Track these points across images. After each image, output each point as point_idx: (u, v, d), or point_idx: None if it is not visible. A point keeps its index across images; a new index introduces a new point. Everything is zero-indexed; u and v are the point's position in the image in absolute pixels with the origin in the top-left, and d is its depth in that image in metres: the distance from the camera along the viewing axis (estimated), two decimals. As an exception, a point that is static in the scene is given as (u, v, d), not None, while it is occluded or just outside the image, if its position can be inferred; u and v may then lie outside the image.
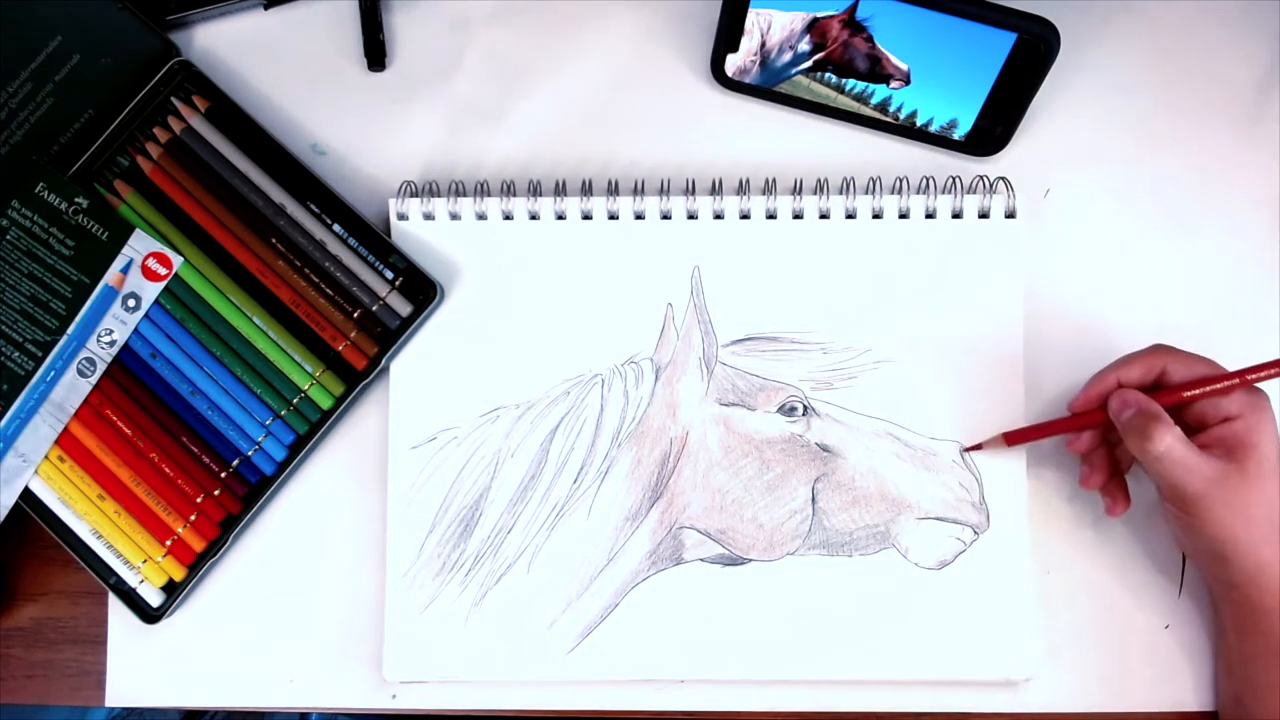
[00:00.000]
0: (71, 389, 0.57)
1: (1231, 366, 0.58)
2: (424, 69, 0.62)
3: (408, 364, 0.58)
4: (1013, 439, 0.55)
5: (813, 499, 0.56)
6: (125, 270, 0.58)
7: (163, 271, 0.58)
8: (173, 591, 0.57)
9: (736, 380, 0.57)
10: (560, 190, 0.59)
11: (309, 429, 0.58)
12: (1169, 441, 0.50)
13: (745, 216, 0.58)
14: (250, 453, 0.57)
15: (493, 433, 0.57)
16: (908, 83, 0.57)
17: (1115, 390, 0.52)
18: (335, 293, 0.58)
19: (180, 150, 0.59)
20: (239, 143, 0.59)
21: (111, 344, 0.58)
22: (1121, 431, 0.51)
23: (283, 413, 0.57)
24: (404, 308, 0.58)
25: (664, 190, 0.58)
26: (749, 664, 0.56)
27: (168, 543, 0.57)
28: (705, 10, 0.60)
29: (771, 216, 0.58)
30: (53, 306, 0.58)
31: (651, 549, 0.56)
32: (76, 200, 0.58)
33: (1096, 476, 0.54)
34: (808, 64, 0.57)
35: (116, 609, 0.58)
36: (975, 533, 0.56)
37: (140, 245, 0.58)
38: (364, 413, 0.59)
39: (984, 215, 0.58)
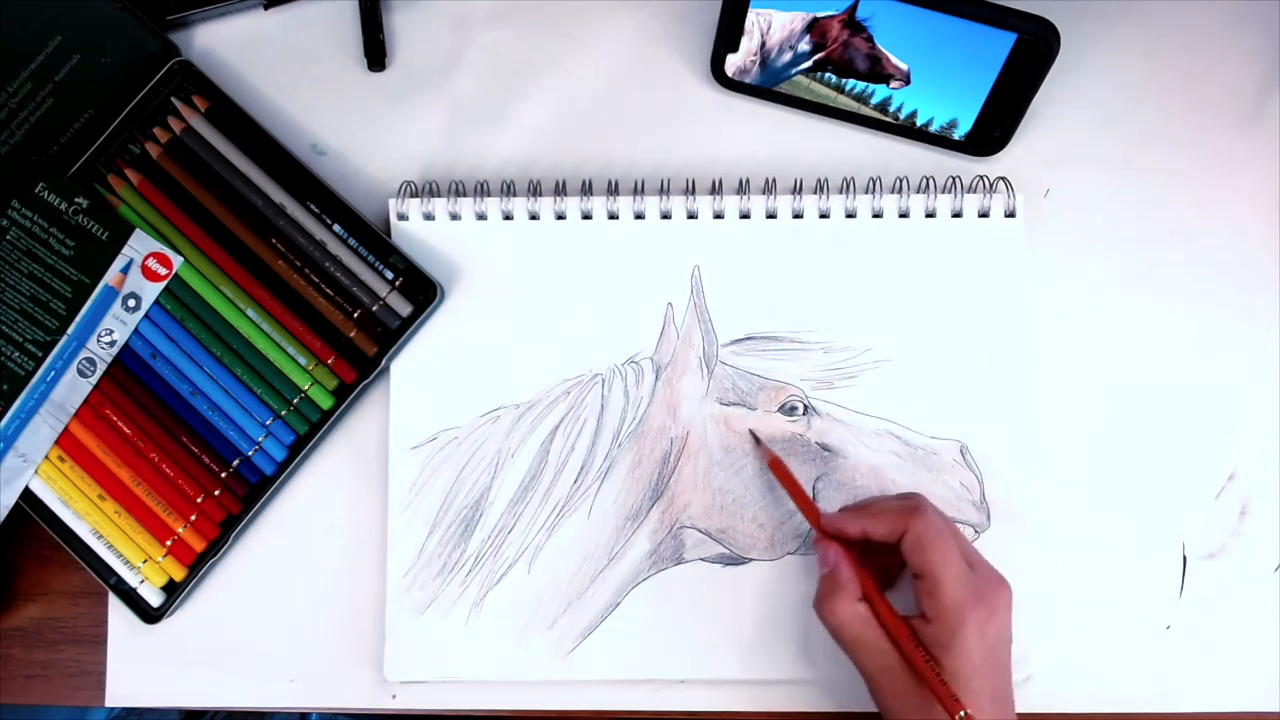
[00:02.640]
0: (72, 389, 0.57)
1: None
2: (424, 69, 0.62)
3: (408, 364, 0.58)
4: (775, 465, 0.55)
5: (813, 498, 0.56)
6: (125, 270, 0.58)
7: (163, 271, 0.58)
8: (173, 591, 0.57)
9: (737, 380, 0.57)
10: (560, 190, 0.59)
11: (309, 429, 0.58)
12: (841, 617, 0.49)
13: (745, 216, 0.58)
14: (250, 453, 0.57)
15: (493, 433, 0.57)
16: (908, 83, 0.57)
17: (826, 540, 0.51)
18: (335, 293, 0.58)
19: (180, 150, 0.59)
20: (239, 143, 0.59)
21: (111, 344, 0.58)
22: (818, 571, 0.51)
23: (283, 413, 0.57)
24: (404, 308, 0.58)
25: (664, 190, 0.58)
26: (749, 664, 0.56)
27: (168, 543, 0.57)
28: (705, 10, 0.60)
29: (771, 216, 0.58)
30: (53, 306, 0.58)
31: (652, 549, 0.56)
32: (76, 200, 0.58)
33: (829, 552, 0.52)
34: (808, 64, 0.58)
35: (116, 609, 0.58)
36: (976, 532, 0.56)
37: (140, 245, 0.58)
38: (364, 413, 0.59)
39: (984, 215, 0.58)
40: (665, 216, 0.58)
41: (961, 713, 0.46)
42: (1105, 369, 0.58)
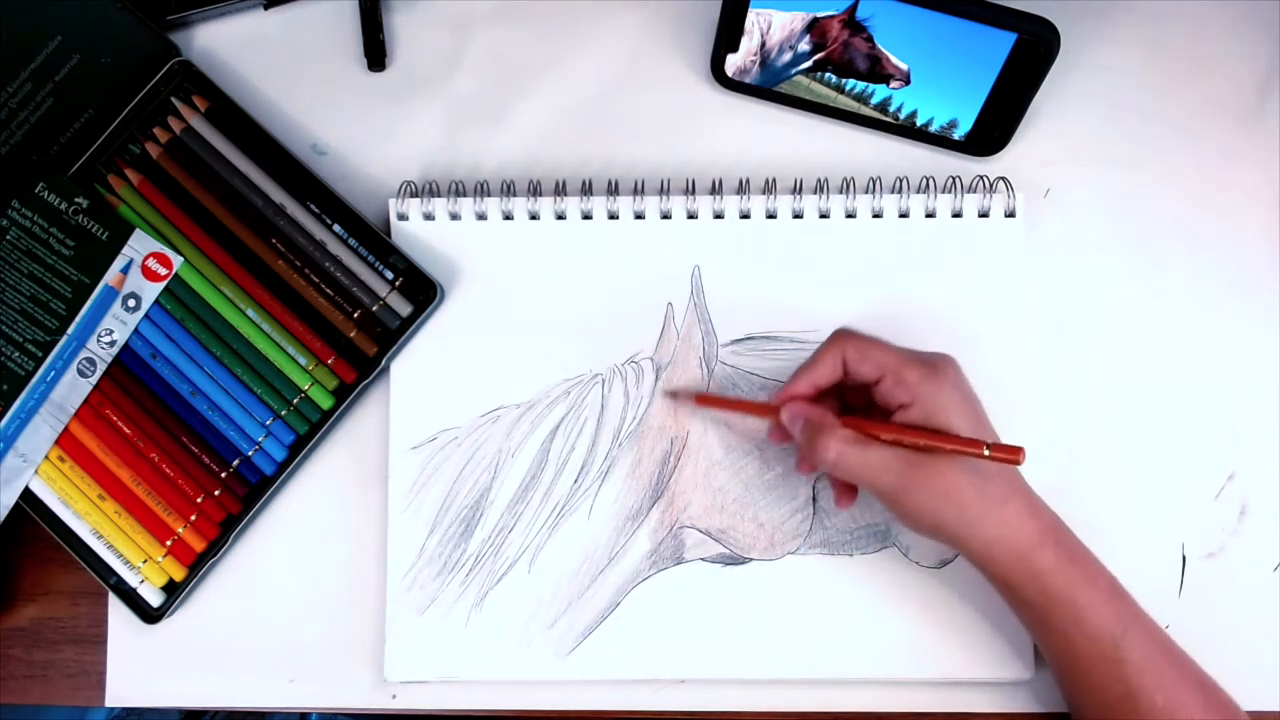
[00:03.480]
0: (72, 389, 0.57)
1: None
2: (424, 69, 0.62)
3: (408, 364, 0.58)
4: (704, 401, 0.55)
5: (813, 498, 0.56)
6: (125, 270, 0.58)
7: (163, 272, 0.58)
8: (173, 591, 0.57)
9: (737, 379, 0.57)
10: (560, 190, 0.59)
11: (309, 429, 0.58)
12: (836, 448, 0.48)
13: (745, 216, 0.58)
14: (250, 453, 0.57)
15: (493, 433, 0.57)
16: (908, 83, 0.57)
17: (789, 400, 0.51)
18: (335, 293, 0.58)
19: (180, 150, 0.59)
20: (239, 143, 0.59)
21: (112, 344, 0.58)
22: (797, 446, 0.51)
23: (283, 413, 0.57)
24: (404, 308, 0.58)
25: (664, 190, 0.58)
26: (749, 664, 0.56)
27: (168, 543, 0.57)
28: (705, 10, 0.60)
29: (771, 216, 0.58)
30: (53, 306, 0.58)
31: (652, 548, 0.56)
32: (76, 200, 0.58)
33: (845, 497, 0.53)
34: (808, 64, 0.58)
35: (116, 609, 0.58)
36: (975, 532, 0.56)
37: (140, 245, 0.58)
38: (364, 413, 0.59)
39: (984, 215, 0.58)
40: (665, 216, 0.58)
41: (985, 449, 0.48)
42: (1105, 369, 0.58)
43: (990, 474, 0.49)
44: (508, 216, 0.59)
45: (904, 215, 0.58)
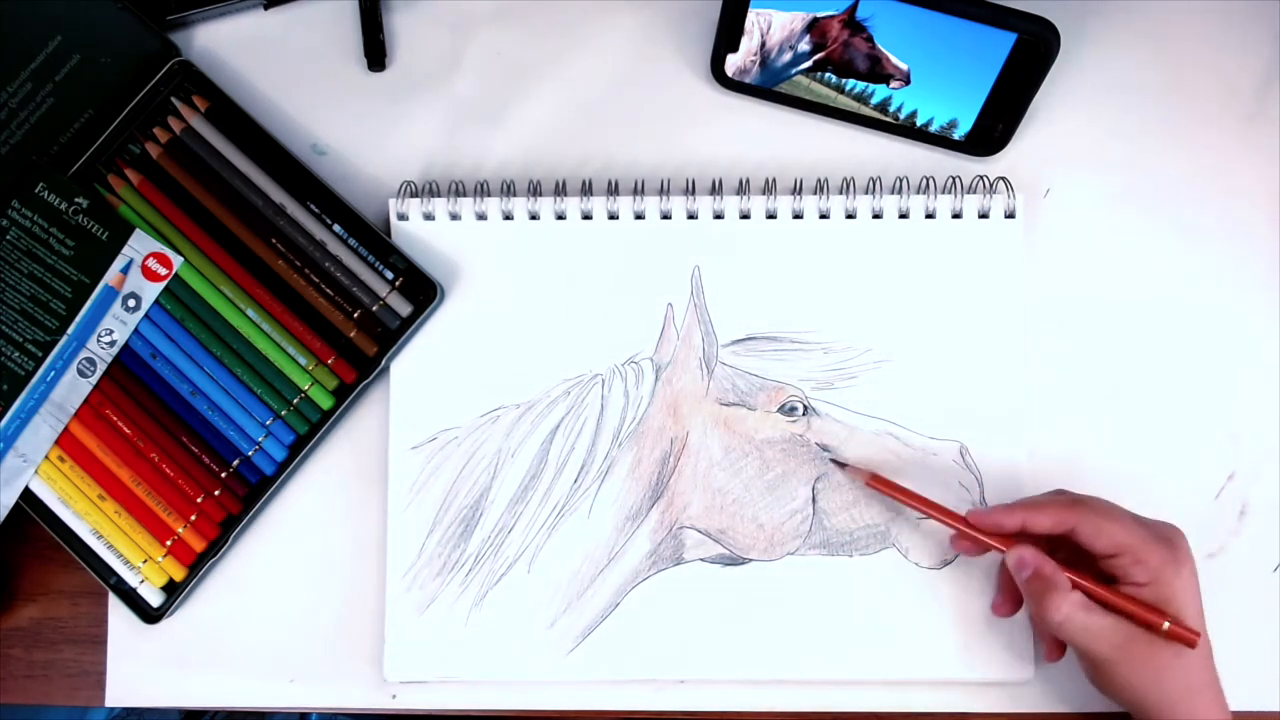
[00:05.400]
0: (72, 389, 0.57)
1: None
2: (424, 69, 0.62)
3: (408, 364, 0.58)
4: (876, 484, 0.55)
5: (813, 499, 0.56)
6: (125, 270, 0.58)
7: (163, 272, 0.58)
8: (173, 591, 0.57)
9: (737, 380, 0.57)
10: (560, 190, 0.59)
11: (309, 429, 0.58)
12: (1066, 611, 0.49)
13: (745, 216, 0.58)
14: (250, 453, 0.57)
15: (493, 433, 0.57)
16: (908, 83, 0.57)
17: (1014, 545, 0.51)
18: (335, 293, 0.58)
19: (180, 150, 0.59)
20: (239, 143, 0.59)
21: (112, 344, 0.58)
22: (1021, 590, 0.51)
23: (283, 413, 0.57)
24: (404, 308, 0.58)
25: (664, 190, 0.58)
26: (749, 664, 0.56)
27: (168, 543, 0.57)
28: (705, 10, 0.60)
29: (771, 216, 0.58)
30: (53, 306, 0.58)
31: (652, 549, 0.56)
32: (76, 200, 0.58)
33: (1007, 605, 0.54)
34: (808, 64, 0.58)
35: (116, 609, 0.58)
36: (975, 533, 0.56)
37: (140, 245, 0.58)
38: (364, 413, 0.59)
39: (984, 215, 0.58)
40: (665, 216, 0.58)
41: (1165, 624, 0.48)
42: (1105, 369, 0.58)
43: (1190, 661, 0.49)
44: (508, 216, 0.59)
45: (904, 216, 0.58)
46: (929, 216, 0.58)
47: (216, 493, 0.57)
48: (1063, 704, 0.56)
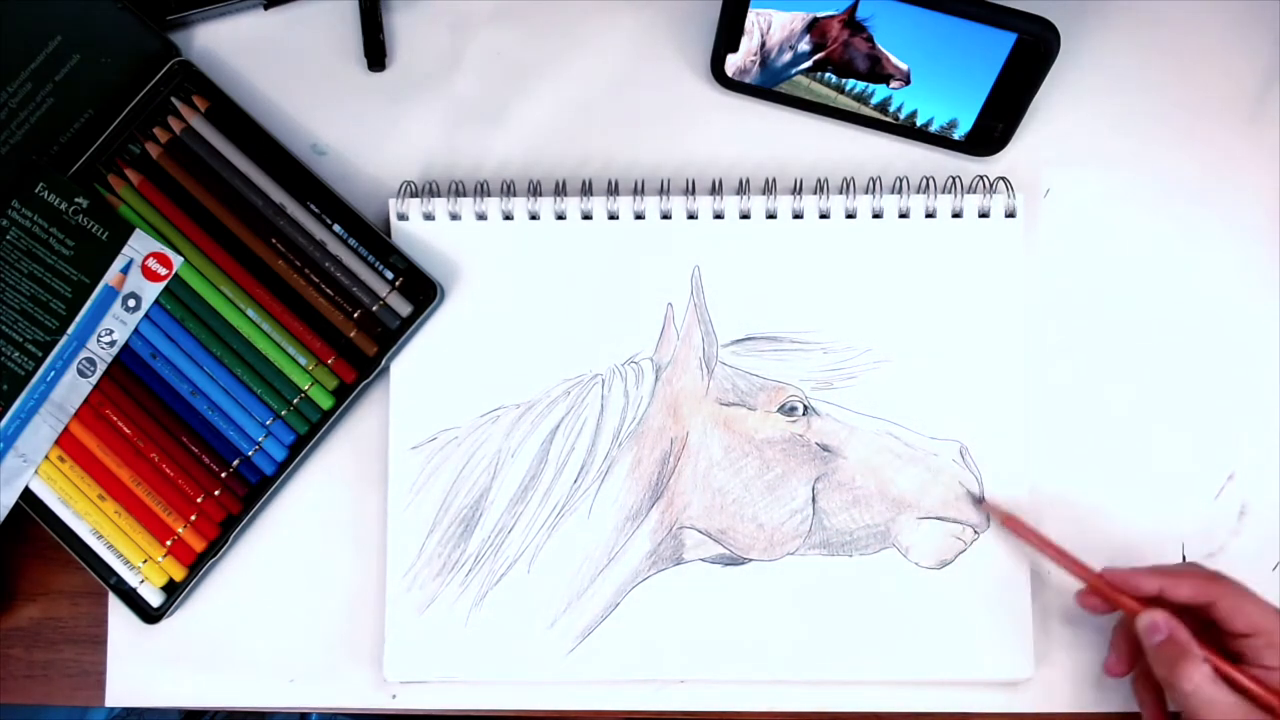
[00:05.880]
0: (72, 389, 0.57)
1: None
2: (424, 69, 0.62)
3: (408, 364, 0.58)
4: (1011, 524, 0.55)
5: (813, 499, 0.56)
6: (125, 270, 0.58)
7: (163, 271, 0.58)
8: (173, 591, 0.57)
9: (737, 380, 0.57)
10: (560, 190, 0.59)
11: (309, 429, 0.58)
12: (1197, 681, 0.48)
13: (745, 216, 0.58)
14: (250, 453, 0.57)
15: (493, 433, 0.57)
16: (908, 83, 0.57)
17: (1148, 608, 0.51)
18: (335, 293, 0.58)
19: (180, 150, 0.59)
20: (239, 143, 0.59)
21: (112, 344, 0.58)
22: (1148, 654, 0.51)
23: (283, 413, 0.57)
24: (404, 308, 0.58)
25: (664, 190, 0.58)
26: (749, 664, 0.56)
27: (168, 543, 0.57)
28: (705, 10, 0.60)
29: (771, 216, 0.58)
30: (53, 306, 0.58)
31: (652, 549, 0.56)
32: (76, 200, 0.58)
33: (1122, 664, 0.54)
34: (808, 64, 0.58)
35: (116, 609, 0.58)
36: (976, 532, 0.56)
37: (140, 245, 0.58)
38: (364, 413, 0.59)
39: (984, 215, 0.58)
40: (665, 216, 0.58)
41: None
42: (1105, 369, 0.58)
43: None
44: (508, 216, 0.59)
45: (904, 215, 0.58)
46: (929, 216, 0.58)
47: (216, 493, 0.57)
48: (1063, 704, 0.56)
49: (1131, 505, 0.57)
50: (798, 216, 0.58)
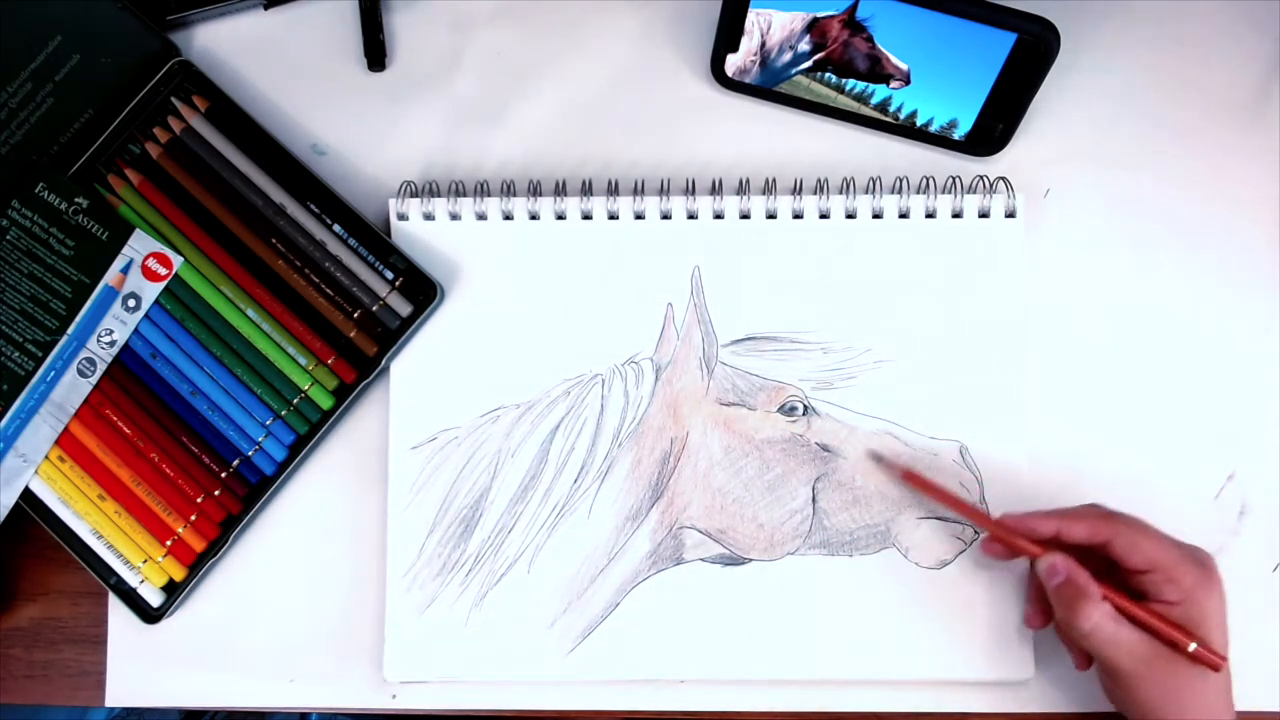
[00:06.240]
0: (72, 389, 0.57)
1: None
2: (424, 69, 0.62)
3: (408, 364, 0.58)
4: (910, 479, 0.55)
5: (813, 499, 0.56)
6: (125, 270, 0.58)
7: (163, 272, 0.58)
8: (173, 591, 0.57)
9: (737, 380, 0.57)
10: (560, 190, 0.59)
11: (309, 429, 0.58)
12: (1096, 620, 0.49)
13: (745, 216, 0.58)
14: (250, 453, 0.57)
15: (493, 433, 0.57)
16: (908, 83, 0.57)
17: (1046, 552, 0.51)
18: (335, 293, 0.58)
19: (180, 150, 0.59)
20: (239, 143, 0.59)
21: (112, 344, 0.58)
22: (1050, 597, 0.51)
23: (283, 413, 0.57)
24: (404, 308, 0.58)
25: (664, 190, 0.58)
26: (749, 664, 0.56)
27: (168, 543, 0.57)
28: (705, 10, 0.60)
29: (771, 216, 0.58)
30: (53, 306, 0.58)
31: (652, 549, 0.56)
32: (76, 200, 0.58)
33: (1038, 617, 0.54)
34: (808, 64, 0.58)
35: (116, 609, 0.58)
36: (976, 532, 0.56)
37: (140, 245, 0.58)
38: (364, 413, 0.59)
39: (984, 215, 0.58)
40: (665, 216, 0.58)
41: (1190, 645, 0.49)
42: (1105, 369, 0.58)
43: (1210, 686, 0.49)
44: (508, 216, 0.59)
45: (904, 215, 0.58)
46: (929, 216, 0.58)
47: (216, 493, 0.57)
48: (1063, 704, 0.56)
49: (1131, 505, 0.57)
50: (798, 216, 0.58)
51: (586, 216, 0.58)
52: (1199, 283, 0.59)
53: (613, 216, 0.58)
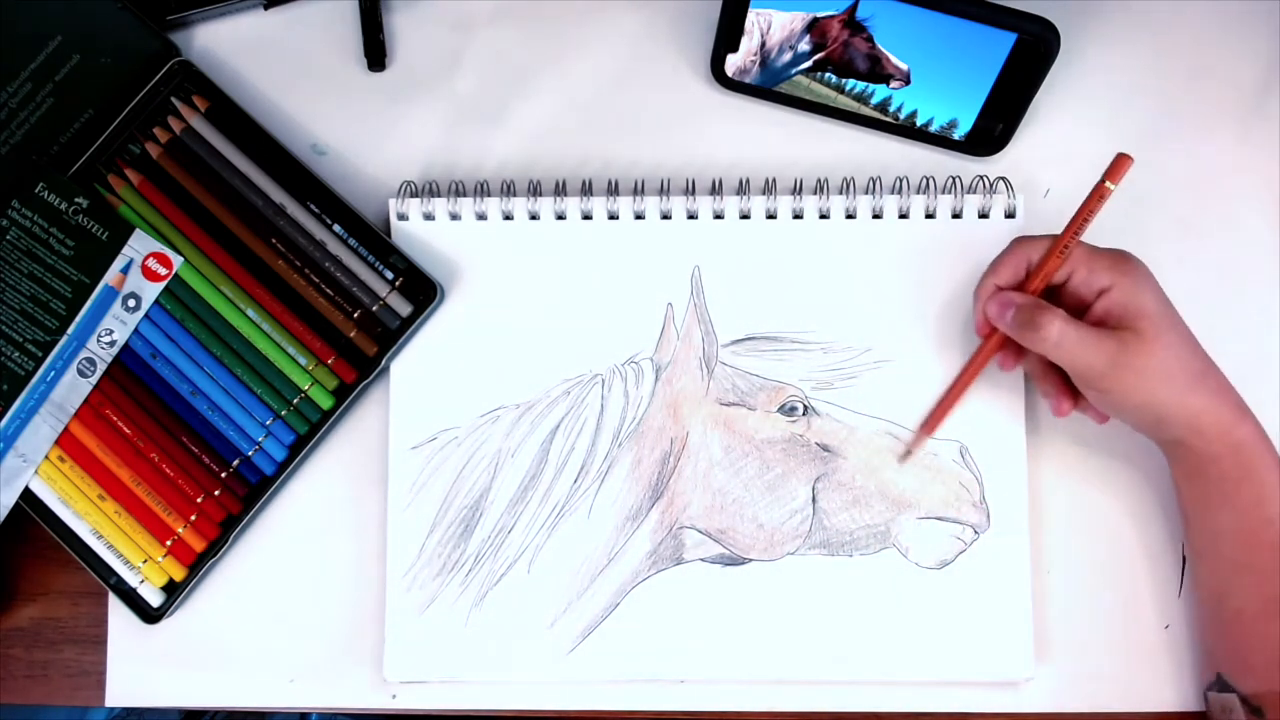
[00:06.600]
0: (72, 389, 0.57)
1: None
2: (424, 69, 0.62)
3: (408, 364, 0.58)
4: (929, 425, 0.56)
5: (813, 499, 0.56)
6: (125, 270, 0.58)
7: (163, 272, 0.58)
8: (173, 591, 0.57)
9: (737, 380, 0.57)
10: (560, 190, 0.59)
11: (309, 429, 0.58)
12: (1058, 325, 0.50)
13: (745, 216, 0.58)
14: (250, 453, 0.57)
15: (493, 433, 0.57)
16: (908, 83, 0.57)
17: (990, 297, 0.52)
18: (335, 293, 0.58)
19: (180, 150, 0.59)
20: (239, 143, 0.59)
21: (112, 344, 0.58)
22: (1011, 334, 0.52)
23: (283, 413, 0.57)
24: (404, 308, 0.58)
25: (664, 190, 0.58)
26: (749, 664, 0.56)
27: (168, 543, 0.57)
28: (705, 10, 0.60)
29: (771, 216, 0.58)
30: (53, 306, 0.58)
31: (652, 549, 0.56)
32: (76, 200, 0.58)
33: (1065, 400, 0.54)
34: (808, 64, 0.58)
35: (116, 609, 0.58)
36: (975, 532, 0.56)
37: (140, 245, 0.58)
38: (364, 413, 0.59)
39: (984, 215, 0.58)
40: (665, 217, 0.58)
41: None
42: (1105, 369, 0.58)
43: (1183, 349, 0.51)
44: (508, 216, 0.59)
45: (904, 216, 0.58)
46: (929, 216, 0.58)
47: (216, 493, 0.57)
48: (1063, 704, 0.56)
49: (1131, 505, 0.57)
50: (798, 216, 0.58)
51: (586, 216, 0.58)
52: (1198, 282, 0.59)
53: (613, 216, 0.58)
